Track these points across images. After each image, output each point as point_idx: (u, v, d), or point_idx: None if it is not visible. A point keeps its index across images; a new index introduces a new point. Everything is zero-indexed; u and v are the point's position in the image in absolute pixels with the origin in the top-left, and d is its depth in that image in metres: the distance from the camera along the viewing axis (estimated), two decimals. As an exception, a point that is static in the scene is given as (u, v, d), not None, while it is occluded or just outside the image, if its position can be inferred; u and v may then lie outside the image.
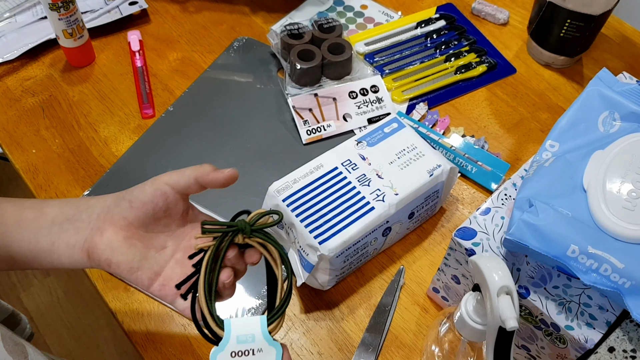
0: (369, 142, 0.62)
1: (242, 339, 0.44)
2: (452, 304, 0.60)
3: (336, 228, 0.56)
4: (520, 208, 0.48)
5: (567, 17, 0.74)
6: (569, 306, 0.46)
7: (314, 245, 0.55)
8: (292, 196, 0.58)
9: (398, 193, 0.58)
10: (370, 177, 0.59)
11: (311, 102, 0.77)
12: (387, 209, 0.58)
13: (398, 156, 0.61)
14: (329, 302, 0.62)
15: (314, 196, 0.58)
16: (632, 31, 0.88)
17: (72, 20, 0.75)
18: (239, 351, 0.44)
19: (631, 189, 0.47)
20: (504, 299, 0.40)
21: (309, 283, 0.59)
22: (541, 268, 0.48)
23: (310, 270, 0.56)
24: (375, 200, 0.58)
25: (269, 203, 0.59)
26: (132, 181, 0.50)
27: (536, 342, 0.51)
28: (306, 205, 0.57)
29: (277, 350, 0.45)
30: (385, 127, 0.64)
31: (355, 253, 0.59)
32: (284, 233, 0.59)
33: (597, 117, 0.52)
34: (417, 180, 0.60)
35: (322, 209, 0.57)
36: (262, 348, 0.44)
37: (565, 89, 0.81)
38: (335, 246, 0.55)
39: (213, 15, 0.89)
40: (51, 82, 0.80)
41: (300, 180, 0.59)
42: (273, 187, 0.58)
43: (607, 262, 0.44)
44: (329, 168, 0.60)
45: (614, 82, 0.54)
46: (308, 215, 0.57)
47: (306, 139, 0.74)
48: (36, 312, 1.41)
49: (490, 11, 0.88)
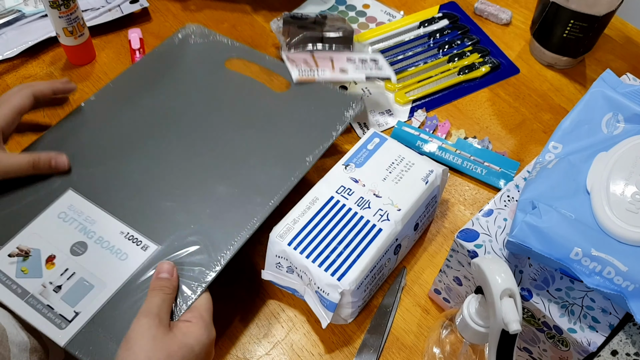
0: (356, 164, 0.61)
1: None
2: (453, 305, 0.59)
3: (350, 259, 0.54)
4: (523, 210, 0.47)
5: (570, 17, 0.74)
6: (571, 309, 0.46)
7: (332, 283, 0.53)
8: (297, 238, 0.55)
9: (400, 208, 0.57)
10: (368, 199, 0.58)
11: (306, 56, 0.73)
12: (394, 226, 0.56)
13: (389, 171, 0.60)
14: (329, 303, 0.62)
15: (318, 232, 0.56)
16: (635, 32, 0.87)
17: (73, 18, 0.75)
18: None
19: (635, 191, 0.47)
20: (506, 302, 0.40)
21: (333, 321, 0.57)
22: (544, 270, 0.48)
23: (334, 310, 0.54)
24: (380, 221, 0.56)
25: (274, 250, 0.56)
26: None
27: (538, 345, 0.50)
28: (313, 243, 0.55)
29: None
30: (368, 144, 0.62)
31: (373, 279, 0.58)
32: (296, 276, 0.57)
33: (600, 118, 0.52)
34: (415, 191, 0.59)
35: (330, 244, 0.55)
36: None
37: (568, 89, 0.81)
38: (355, 278, 0.53)
39: (214, 14, 0.88)
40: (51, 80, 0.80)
41: (299, 220, 0.56)
42: (274, 233, 0.56)
43: (611, 264, 0.43)
44: (325, 199, 0.58)
45: (618, 84, 0.54)
46: (318, 254, 0.54)
47: (297, 77, 0.69)
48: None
49: (493, 11, 0.88)
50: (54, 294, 0.51)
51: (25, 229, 0.55)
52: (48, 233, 0.55)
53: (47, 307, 0.51)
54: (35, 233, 0.55)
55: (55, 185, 0.58)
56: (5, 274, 0.52)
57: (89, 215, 0.56)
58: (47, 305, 0.51)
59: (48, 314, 0.50)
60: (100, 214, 0.56)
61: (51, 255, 0.53)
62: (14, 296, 0.51)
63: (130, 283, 0.52)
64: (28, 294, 0.51)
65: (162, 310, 0.48)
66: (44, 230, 0.55)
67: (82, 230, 0.55)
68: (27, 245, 0.54)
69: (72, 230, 0.55)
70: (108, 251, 0.54)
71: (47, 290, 0.52)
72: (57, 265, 0.53)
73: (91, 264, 0.53)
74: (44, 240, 0.54)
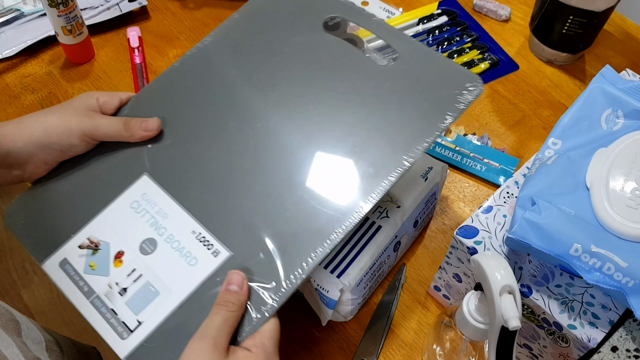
0: None
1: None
2: (453, 302, 0.59)
3: (350, 257, 0.54)
4: (523, 206, 0.47)
5: (569, 13, 0.74)
6: (571, 305, 0.46)
7: (332, 280, 0.53)
8: None
9: (400, 205, 0.57)
10: None
11: None
12: (394, 223, 0.56)
13: None
14: (329, 300, 0.62)
15: None
16: (635, 28, 0.87)
17: (72, 17, 0.74)
18: None
19: (635, 187, 0.47)
20: (506, 298, 0.40)
21: (333, 318, 0.57)
22: (544, 267, 0.48)
23: (334, 307, 0.54)
24: (379, 218, 0.56)
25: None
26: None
27: (538, 341, 0.50)
28: None
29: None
30: None
31: (373, 276, 0.58)
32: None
33: (600, 114, 0.52)
34: (414, 188, 0.59)
35: None
36: None
37: (568, 86, 0.80)
38: (354, 275, 0.53)
39: (213, 12, 0.88)
40: (50, 79, 0.80)
41: None
42: None
43: (611, 260, 0.43)
44: None
45: (617, 79, 0.54)
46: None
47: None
48: (36, 309, 1.41)
49: (492, 7, 0.87)
50: (119, 297, 0.47)
51: (97, 218, 0.50)
52: (119, 224, 0.50)
53: (111, 312, 0.47)
54: (106, 223, 0.50)
55: (130, 166, 0.53)
56: (74, 267, 0.48)
57: (162, 207, 0.50)
58: (111, 310, 0.47)
59: (111, 320, 0.46)
60: (173, 207, 0.50)
61: (120, 252, 0.49)
62: (80, 294, 0.47)
63: (198, 293, 0.46)
64: (94, 293, 0.47)
65: (220, 333, 0.43)
66: (115, 220, 0.50)
67: (153, 225, 0.49)
68: (97, 236, 0.49)
69: (143, 224, 0.50)
70: (177, 253, 0.48)
71: (112, 291, 0.47)
72: (124, 263, 0.48)
73: (159, 267, 0.48)
74: (114, 232, 0.50)
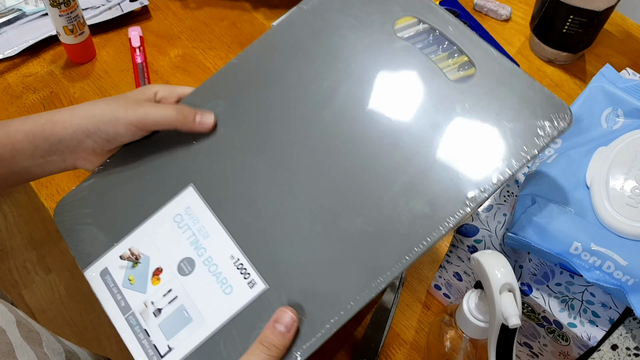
0: None
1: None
2: (454, 301, 0.59)
3: None
4: (523, 205, 0.47)
5: (569, 13, 0.74)
6: (571, 303, 0.46)
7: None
8: None
9: None
10: None
11: None
12: None
13: None
14: (330, 299, 0.62)
15: None
16: (635, 27, 0.87)
17: (73, 16, 0.75)
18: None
19: (634, 186, 0.47)
20: (506, 297, 0.40)
21: None
22: (544, 265, 0.48)
23: None
24: None
25: None
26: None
27: (538, 340, 0.50)
28: None
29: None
30: None
31: None
32: None
33: (600, 113, 0.52)
34: None
35: None
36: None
37: (568, 85, 0.80)
38: None
39: (214, 12, 0.88)
40: (52, 78, 0.80)
41: None
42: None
43: (610, 259, 0.43)
44: None
45: (617, 79, 0.54)
46: None
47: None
48: (38, 309, 1.42)
49: (493, 7, 0.88)
50: (153, 317, 0.45)
51: (140, 228, 0.48)
52: (160, 238, 0.48)
53: (144, 332, 0.45)
54: (149, 235, 0.48)
55: (178, 175, 0.50)
56: (113, 279, 0.47)
57: (203, 225, 0.47)
58: (144, 330, 0.45)
59: (143, 341, 0.45)
60: (215, 226, 0.47)
61: (159, 268, 0.47)
62: (117, 309, 0.46)
63: (229, 325, 0.44)
64: (130, 310, 0.46)
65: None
66: (157, 233, 0.48)
67: (193, 243, 0.47)
68: (138, 248, 0.48)
69: (183, 241, 0.47)
70: (214, 278, 0.46)
71: (147, 310, 0.45)
72: (162, 281, 0.46)
73: (195, 290, 0.46)
74: (154, 246, 0.48)
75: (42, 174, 0.51)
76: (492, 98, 0.47)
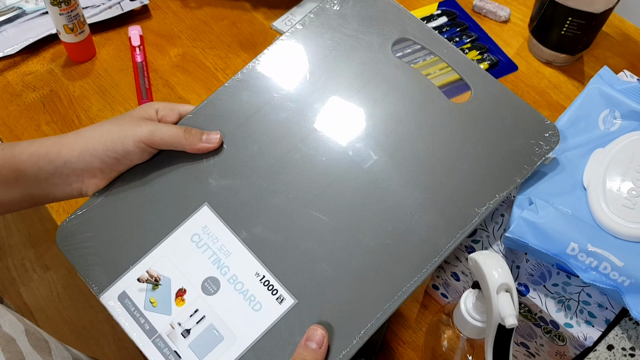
0: None
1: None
2: (451, 300, 0.60)
3: None
4: (520, 206, 0.48)
5: (568, 14, 0.74)
6: (568, 304, 0.47)
7: None
8: None
9: None
10: None
11: None
12: None
13: None
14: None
15: None
16: (633, 29, 0.87)
17: (73, 15, 0.75)
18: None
19: (631, 187, 0.47)
20: (503, 297, 0.40)
21: None
22: (541, 266, 0.48)
23: None
24: None
25: None
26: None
27: (535, 340, 0.51)
28: None
29: None
30: None
31: None
32: None
33: (597, 115, 0.52)
34: None
35: None
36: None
37: (566, 86, 0.81)
38: None
39: (214, 11, 0.89)
40: (52, 77, 0.80)
41: None
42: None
43: (607, 260, 0.44)
44: None
45: (615, 80, 0.54)
46: None
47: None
48: (36, 307, 1.42)
49: (492, 8, 0.88)
50: (182, 338, 0.45)
51: (157, 249, 0.48)
52: (179, 258, 0.47)
53: (174, 354, 0.44)
54: (166, 256, 0.48)
55: (191, 194, 0.50)
56: (134, 302, 0.46)
57: (224, 244, 0.47)
58: (175, 352, 0.44)
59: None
60: (235, 245, 0.47)
61: (182, 289, 0.46)
62: (142, 332, 0.45)
63: (262, 342, 0.44)
64: (155, 333, 0.45)
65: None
66: (175, 254, 0.48)
67: (215, 262, 0.47)
68: (157, 270, 0.47)
69: (204, 261, 0.47)
70: (241, 296, 0.46)
71: (175, 332, 0.45)
72: (187, 302, 0.46)
73: (222, 309, 0.45)
74: (174, 267, 0.47)
75: (45, 198, 0.50)
76: (490, 119, 0.51)
